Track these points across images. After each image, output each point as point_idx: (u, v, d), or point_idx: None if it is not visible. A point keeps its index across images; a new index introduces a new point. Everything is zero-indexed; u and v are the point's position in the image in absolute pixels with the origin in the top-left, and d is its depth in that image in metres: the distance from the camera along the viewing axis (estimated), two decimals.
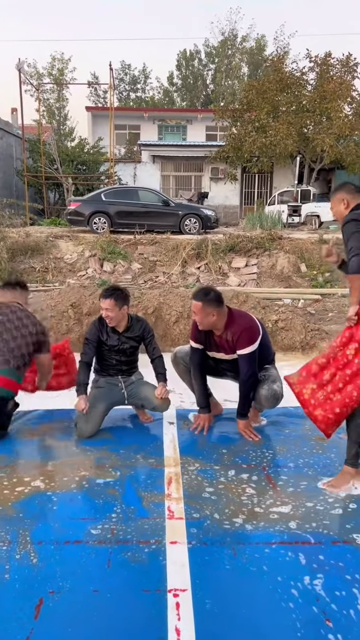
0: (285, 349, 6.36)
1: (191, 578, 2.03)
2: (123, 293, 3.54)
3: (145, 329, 3.68)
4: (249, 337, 3.35)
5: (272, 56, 21.33)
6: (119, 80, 37.13)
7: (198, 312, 3.32)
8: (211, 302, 3.29)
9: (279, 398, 3.49)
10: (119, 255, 11.54)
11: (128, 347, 3.64)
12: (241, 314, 3.52)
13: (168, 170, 23.24)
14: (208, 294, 3.32)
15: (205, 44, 38.14)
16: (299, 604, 1.89)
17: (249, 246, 11.61)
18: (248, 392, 3.42)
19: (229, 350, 3.46)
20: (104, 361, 3.68)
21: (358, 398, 2.63)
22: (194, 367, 3.63)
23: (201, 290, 3.38)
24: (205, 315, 3.31)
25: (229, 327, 3.38)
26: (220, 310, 3.33)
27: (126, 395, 3.70)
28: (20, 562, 2.11)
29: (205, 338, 3.53)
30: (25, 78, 20.18)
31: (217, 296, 3.34)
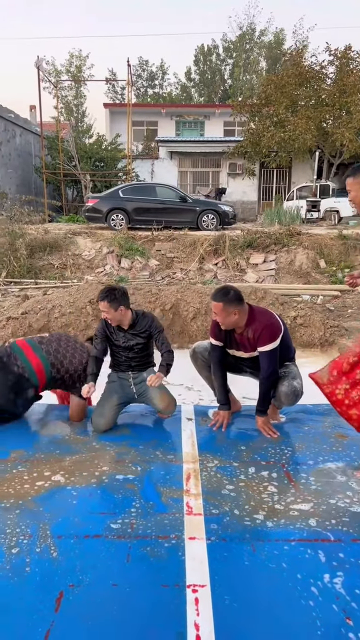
0: (304, 346, 6.31)
1: (210, 574, 2.03)
2: (118, 293, 3.45)
3: (151, 325, 3.59)
4: (271, 334, 3.32)
5: (291, 50, 21.09)
6: (137, 76, 37.14)
7: (219, 313, 3.29)
8: (232, 302, 3.26)
9: (298, 395, 3.46)
10: (136, 251, 11.57)
11: (134, 343, 3.60)
12: (262, 310, 3.49)
13: (185, 166, 23.19)
14: (228, 293, 3.29)
15: (223, 39, 37.92)
16: (319, 602, 1.88)
17: (267, 242, 11.55)
18: (268, 389, 3.40)
19: (249, 348, 3.44)
20: (115, 357, 3.71)
21: None
22: (214, 364, 3.61)
23: (220, 290, 3.34)
24: (227, 315, 3.29)
25: (250, 324, 3.35)
26: (241, 309, 3.31)
27: (135, 392, 3.68)
28: (40, 555, 2.13)
29: (225, 336, 3.51)
30: (44, 75, 20.30)
31: (237, 295, 3.31)
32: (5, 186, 18.88)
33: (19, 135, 20.51)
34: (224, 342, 3.54)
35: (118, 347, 3.62)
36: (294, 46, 21.35)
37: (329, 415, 3.73)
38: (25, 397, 3.53)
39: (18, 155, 20.46)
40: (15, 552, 2.14)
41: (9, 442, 3.26)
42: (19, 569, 2.04)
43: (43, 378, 3.53)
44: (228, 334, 3.49)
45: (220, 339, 3.53)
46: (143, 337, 3.61)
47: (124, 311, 3.50)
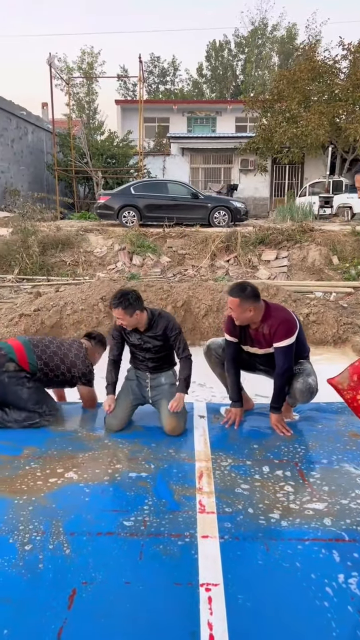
0: (317, 343, 6.27)
1: (223, 573, 2.02)
2: (132, 298, 3.31)
3: (168, 326, 3.45)
4: (286, 330, 3.30)
5: (304, 45, 20.94)
6: (148, 72, 37.08)
7: (235, 309, 3.27)
8: (248, 298, 3.24)
9: (313, 392, 3.43)
10: (148, 248, 11.56)
11: (151, 346, 3.49)
12: (278, 307, 3.46)
13: (197, 162, 23.13)
14: (245, 289, 3.26)
15: (235, 34, 37.84)
16: (334, 602, 1.86)
17: (279, 238, 11.48)
18: (283, 385, 3.37)
19: (264, 344, 3.42)
20: (134, 355, 3.68)
21: None
22: (228, 361, 3.59)
23: (237, 286, 3.31)
24: (243, 312, 3.26)
25: (266, 320, 3.33)
26: (257, 305, 3.28)
27: (150, 396, 3.62)
28: (53, 552, 2.13)
29: (240, 332, 3.49)
30: (56, 72, 20.34)
31: (254, 291, 3.28)
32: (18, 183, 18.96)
33: (31, 132, 20.58)
34: (238, 338, 3.51)
35: (136, 347, 3.56)
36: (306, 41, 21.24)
37: (342, 414, 3.70)
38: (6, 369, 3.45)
39: (30, 152, 20.53)
40: (28, 548, 2.15)
41: (22, 439, 3.27)
42: (32, 565, 2.04)
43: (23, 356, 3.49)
44: (243, 329, 3.47)
45: (235, 335, 3.50)
46: (160, 339, 3.47)
47: (140, 315, 3.36)
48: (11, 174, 18.66)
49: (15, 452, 3.07)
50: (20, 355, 3.49)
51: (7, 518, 2.38)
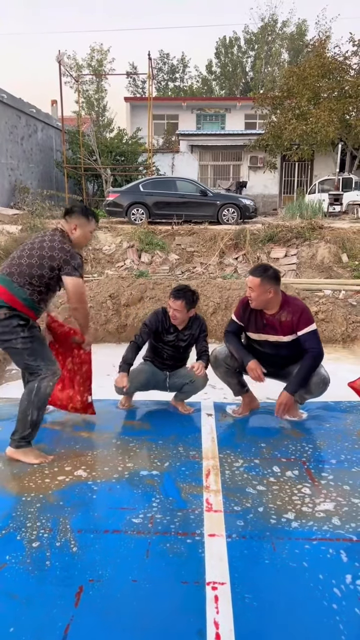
0: (326, 341, 6.23)
1: (230, 571, 2.01)
2: (194, 296, 3.56)
3: (201, 327, 3.71)
4: (308, 317, 3.34)
5: (314, 41, 20.75)
6: (158, 69, 36.99)
7: (255, 288, 3.25)
8: (270, 279, 3.23)
9: (327, 383, 3.42)
10: (156, 246, 11.55)
11: (183, 345, 3.69)
12: (295, 297, 3.50)
13: (206, 159, 23.07)
14: (267, 270, 3.27)
15: (244, 31, 37.54)
16: (341, 603, 1.85)
17: (288, 236, 11.43)
18: (309, 369, 3.30)
19: (280, 331, 3.36)
20: (156, 354, 3.72)
21: None
22: (226, 335, 3.59)
23: (260, 267, 3.33)
24: (262, 292, 3.25)
25: (285, 307, 3.33)
26: (277, 289, 3.29)
27: (168, 384, 3.80)
28: (60, 549, 2.14)
29: (251, 318, 3.45)
30: (65, 70, 20.35)
31: (276, 273, 3.30)
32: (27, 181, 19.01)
33: (40, 130, 20.61)
34: (246, 325, 3.49)
35: (165, 344, 3.64)
36: (316, 37, 20.97)
37: (350, 413, 3.69)
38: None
39: (39, 150, 20.57)
40: (35, 546, 2.15)
41: None
42: (40, 562, 2.05)
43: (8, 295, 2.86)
44: (255, 315, 3.42)
45: (243, 320, 3.50)
46: (192, 339, 3.71)
47: (192, 314, 3.61)
48: (21, 171, 18.71)
49: None
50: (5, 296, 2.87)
51: (15, 515, 2.39)
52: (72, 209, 3.16)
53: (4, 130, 17.23)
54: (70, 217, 3.11)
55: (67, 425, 3.51)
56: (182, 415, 3.75)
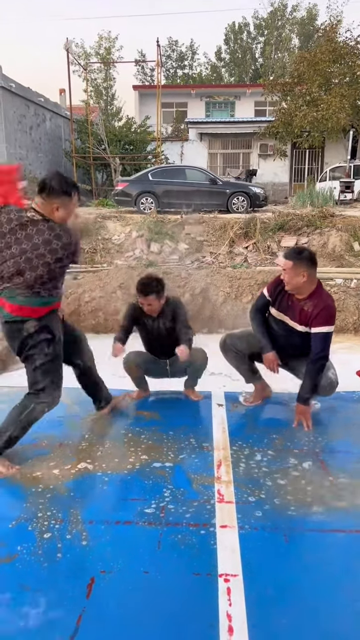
0: (338, 331, 6.17)
1: (242, 563, 2.00)
2: (160, 284, 3.50)
3: (174, 311, 3.61)
4: (328, 317, 3.17)
5: (325, 25, 20.38)
6: (166, 57, 36.64)
7: (288, 271, 3.14)
8: (303, 262, 3.11)
9: (334, 386, 3.38)
10: (166, 235, 11.49)
11: (165, 332, 3.64)
12: (328, 293, 3.32)
13: (215, 147, 22.86)
14: (301, 252, 3.17)
15: (254, 16, 37.04)
16: (354, 594, 1.83)
17: (299, 224, 11.30)
18: (315, 374, 3.22)
19: (297, 317, 3.27)
20: (149, 344, 3.74)
21: None
22: (254, 310, 3.51)
23: (294, 249, 3.24)
24: (295, 275, 3.13)
25: (313, 297, 3.20)
26: (311, 272, 3.15)
27: (170, 371, 3.80)
28: (72, 541, 2.13)
29: (279, 296, 3.36)
30: (73, 58, 20.20)
31: (311, 256, 3.18)
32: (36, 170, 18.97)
33: (49, 119, 20.53)
34: (274, 300, 3.39)
35: (149, 333, 3.65)
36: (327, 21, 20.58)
37: None
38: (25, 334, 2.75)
39: (48, 139, 20.50)
40: (47, 537, 2.15)
41: (40, 427, 3.28)
42: (51, 554, 2.05)
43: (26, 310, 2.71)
44: (283, 295, 3.33)
45: (272, 295, 3.39)
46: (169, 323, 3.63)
47: (164, 299, 3.56)
48: (30, 161, 18.67)
49: (34, 440, 3.07)
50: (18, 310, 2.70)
51: (26, 506, 2.39)
52: (50, 186, 2.67)
53: (13, 119, 17.18)
54: (49, 197, 2.68)
55: (77, 415, 3.50)
56: (192, 405, 3.73)
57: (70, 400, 3.75)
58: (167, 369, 3.80)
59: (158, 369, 3.80)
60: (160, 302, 3.51)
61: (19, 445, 2.85)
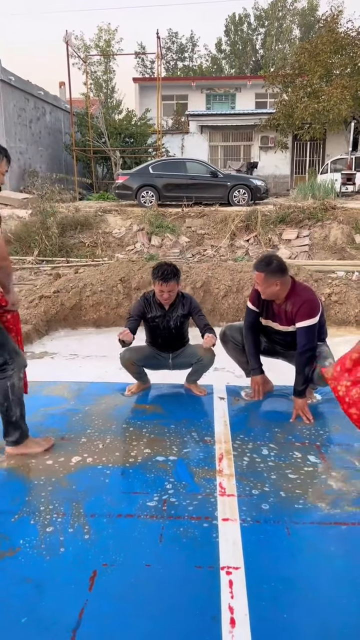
0: (339, 324, 6.17)
1: (244, 556, 2.00)
2: (177, 268, 3.53)
3: (191, 306, 3.66)
4: (309, 310, 3.24)
5: (325, 16, 20.22)
6: (166, 49, 36.42)
7: (261, 283, 3.24)
8: (274, 272, 3.19)
9: None
10: (166, 228, 11.46)
11: (173, 326, 3.63)
12: (304, 287, 3.40)
13: (216, 140, 22.77)
14: (270, 263, 3.22)
15: (254, 7, 36.75)
16: (356, 586, 1.83)
17: (300, 217, 11.27)
18: (303, 366, 3.29)
19: (284, 321, 3.37)
20: (153, 338, 3.70)
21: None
22: (246, 328, 3.58)
23: (263, 260, 3.27)
24: (268, 286, 3.23)
25: (290, 297, 3.29)
26: (283, 280, 3.24)
27: (172, 364, 3.79)
28: (74, 534, 2.14)
29: (263, 304, 3.47)
30: (73, 51, 20.08)
31: (280, 265, 3.23)
32: (36, 164, 18.91)
33: (48, 112, 20.44)
34: (260, 310, 3.50)
35: (157, 326, 3.62)
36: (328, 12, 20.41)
37: None
38: None
39: (48, 133, 20.43)
40: (49, 530, 2.16)
41: (42, 421, 3.28)
42: (54, 547, 2.05)
43: None
44: (267, 303, 3.44)
45: (257, 305, 3.49)
46: (183, 316, 3.65)
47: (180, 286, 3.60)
48: (30, 154, 18.61)
49: (36, 434, 3.07)
50: None
51: (28, 499, 2.39)
52: None
53: (13, 113, 17.11)
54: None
55: (79, 408, 3.51)
56: (194, 398, 3.73)
57: (70, 395, 3.76)
58: (170, 362, 3.78)
59: (159, 363, 3.79)
60: (178, 288, 3.53)
61: None
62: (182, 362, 3.76)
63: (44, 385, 3.87)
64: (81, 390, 3.87)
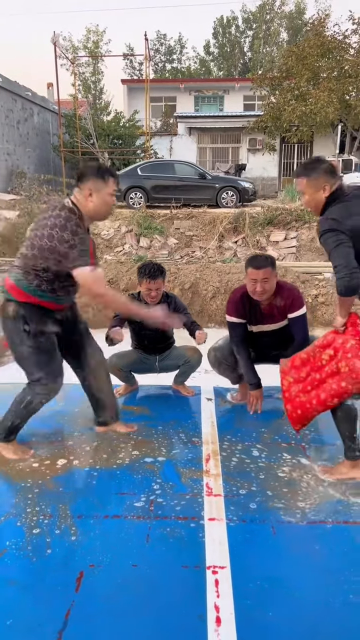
0: (326, 324, 6.22)
1: (230, 555, 2.01)
2: (164, 268, 3.55)
3: (176, 304, 3.67)
4: (300, 300, 3.31)
5: (313, 19, 20.40)
6: (155, 51, 36.47)
7: (270, 279, 3.16)
8: (274, 267, 3.22)
9: None
10: (155, 230, 11.48)
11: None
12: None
13: (205, 142, 22.83)
14: (268, 258, 3.25)
15: (242, 10, 37.02)
16: (341, 584, 1.86)
17: (288, 219, 11.35)
18: None
19: (277, 318, 3.33)
20: (139, 340, 3.70)
21: (314, 407, 2.60)
22: (238, 344, 3.42)
23: (261, 257, 3.25)
24: (273, 282, 3.20)
25: (279, 292, 3.29)
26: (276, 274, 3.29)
27: (159, 367, 3.77)
28: (61, 535, 2.14)
29: (249, 312, 3.36)
30: (61, 52, 20.04)
31: (274, 260, 3.30)
32: (24, 165, 18.84)
33: (36, 113, 20.38)
34: (246, 318, 3.38)
35: (142, 328, 3.57)
36: (315, 15, 20.63)
37: None
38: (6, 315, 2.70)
39: (36, 134, 20.36)
40: (36, 532, 2.15)
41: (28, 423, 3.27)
42: (40, 549, 2.05)
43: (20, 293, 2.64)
44: (252, 309, 3.35)
45: (243, 315, 3.37)
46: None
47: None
48: (17, 156, 18.53)
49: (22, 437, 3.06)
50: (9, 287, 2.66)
51: (15, 501, 2.39)
52: (83, 171, 2.65)
53: (0, 114, 17.03)
54: (82, 182, 2.61)
55: (67, 409, 3.50)
56: (182, 400, 3.74)
57: (58, 396, 3.75)
58: (156, 365, 3.76)
59: (146, 367, 3.76)
60: (164, 286, 3.56)
61: None
62: (169, 365, 3.75)
63: None
64: (68, 392, 3.86)
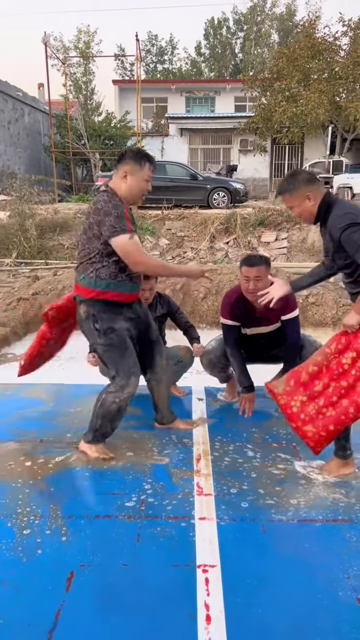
0: (316, 325, 6.25)
1: (220, 554, 2.02)
2: None
3: (169, 308, 3.65)
4: (293, 301, 3.30)
5: (303, 21, 20.50)
6: (146, 51, 36.47)
7: (263, 277, 3.14)
8: (269, 266, 3.23)
9: None
10: (146, 230, 11.48)
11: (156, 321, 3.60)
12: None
13: (196, 143, 22.87)
14: (263, 257, 3.26)
15: (233, 11, 37.11)
16: (330, 582, 1.87)
17: (279, 220, 11.40)
18: (294, 357, 3.27)
19: (273, 319, 3.31)
20: None
21: (355, 415, 2.35)
22: (231, 347, 3.40)
23: (255, 256, 3.26)
24: (267, 280, 3.14)
25: None
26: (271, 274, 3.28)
27: None
28: (51, 535, 2.14)
29: (243, 313, 3.33)
30: (52, 52, 20.00)
31: (268, 259, 3.30)
32: (15, 166, 18.78)
33: (27, 114, 20.33)
34: (241, 321, 3.35)
35: None
36: (306, 17, 20.73)
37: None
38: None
39: (27, 134, 20.31)
40: (26, 533, 2.15)
41: (19, 423, 3.27)
42: (31, 550, 2.04)
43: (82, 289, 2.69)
44: (247, 311, 3.32)
45: (238, 318, 3.34)
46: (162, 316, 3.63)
47: None
48: (8, 156, 18.47)
49: (13, 437, 3.06)
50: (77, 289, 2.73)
51: (5, 502, 2.38)
52: (123, 153, 2.73)
53: None
54: (120, 164, 2.68)
55: (58, 410, 3.50)
56: (173, 400, 3.73)
57: (49, 397, 3.75)
58: None
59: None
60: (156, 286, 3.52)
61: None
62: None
63: (22, 387, 3.85)
64: (60, 392, 3.86)
